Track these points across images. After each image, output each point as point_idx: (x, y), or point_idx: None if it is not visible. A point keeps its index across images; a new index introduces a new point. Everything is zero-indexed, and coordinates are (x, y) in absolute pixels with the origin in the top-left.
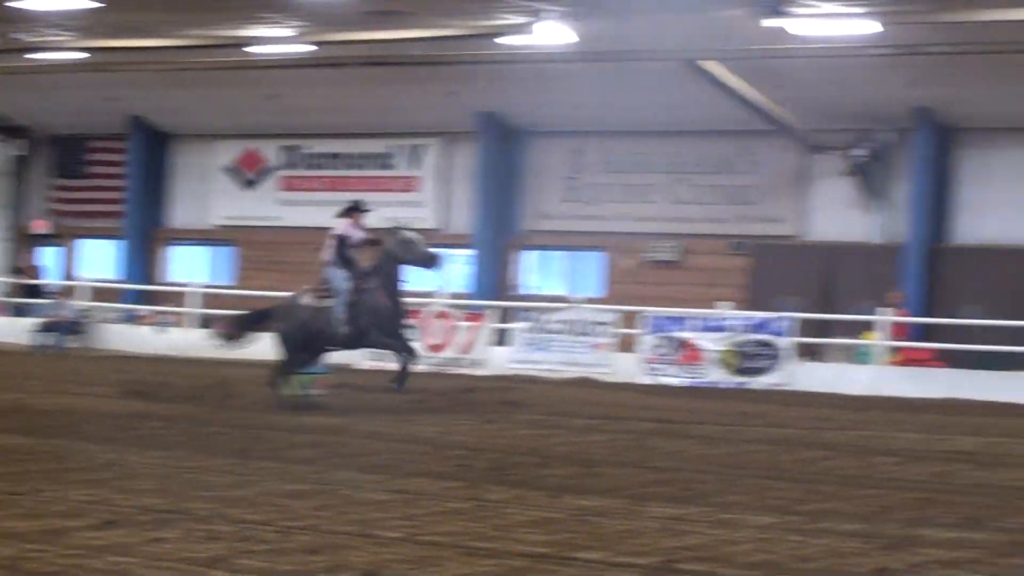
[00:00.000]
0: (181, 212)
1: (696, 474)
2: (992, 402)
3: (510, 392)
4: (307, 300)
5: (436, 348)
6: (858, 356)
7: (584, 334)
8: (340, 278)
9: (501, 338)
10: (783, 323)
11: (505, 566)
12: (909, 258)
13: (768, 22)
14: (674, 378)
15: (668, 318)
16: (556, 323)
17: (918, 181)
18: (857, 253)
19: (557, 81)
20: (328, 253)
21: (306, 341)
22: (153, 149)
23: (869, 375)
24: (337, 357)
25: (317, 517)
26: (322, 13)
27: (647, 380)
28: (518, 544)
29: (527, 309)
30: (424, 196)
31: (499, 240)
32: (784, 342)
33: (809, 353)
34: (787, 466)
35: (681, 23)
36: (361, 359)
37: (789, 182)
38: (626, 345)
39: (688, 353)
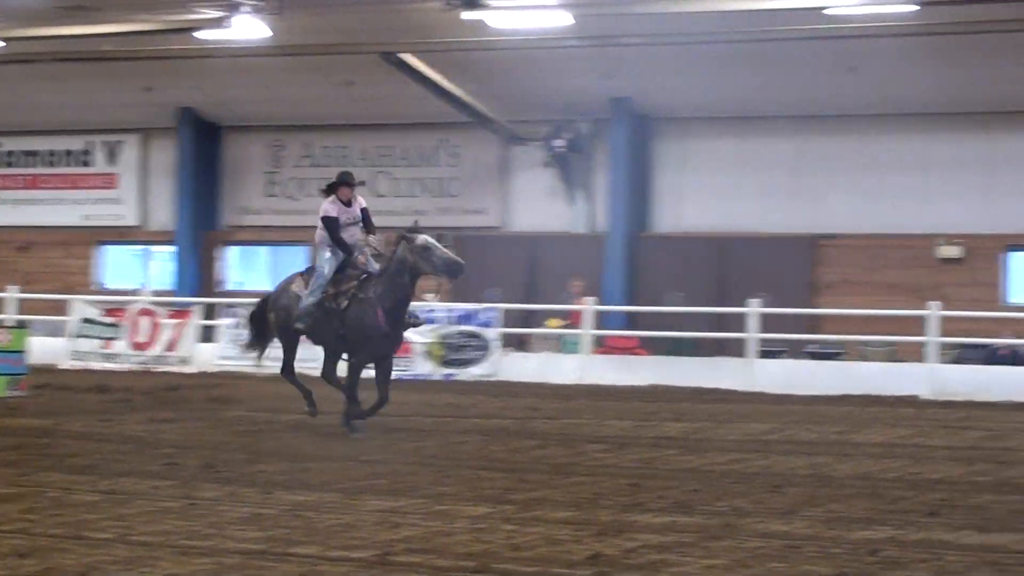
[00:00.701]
0: None
1: (409, 467)
2: (693, 388)
3: (217, 389)
4: (296, 285)
5: (141, 346)
6: (564, 345)
7: None
8: (324, 262)
9: (207, 335)
10: (489, 314)
11: (219, 564)
12: (612, 247)
13: (466, 15)
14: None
15: None
16: None
17: (617, 170)
18: (560, 243)
19: (255, 75)
20: (317, 236)
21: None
22: None
23: (575, 364)
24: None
25: (26, 520)
26: (10, 8)
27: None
28: (232, 541)
29: (231, 305)
30: (123, 193)
31: (201, 236)
32: (491, 333)
33: (516, 343)
34: (498, 456)
35: (378, 16)
36: (64, 359)
37: (490, 174)
38: None
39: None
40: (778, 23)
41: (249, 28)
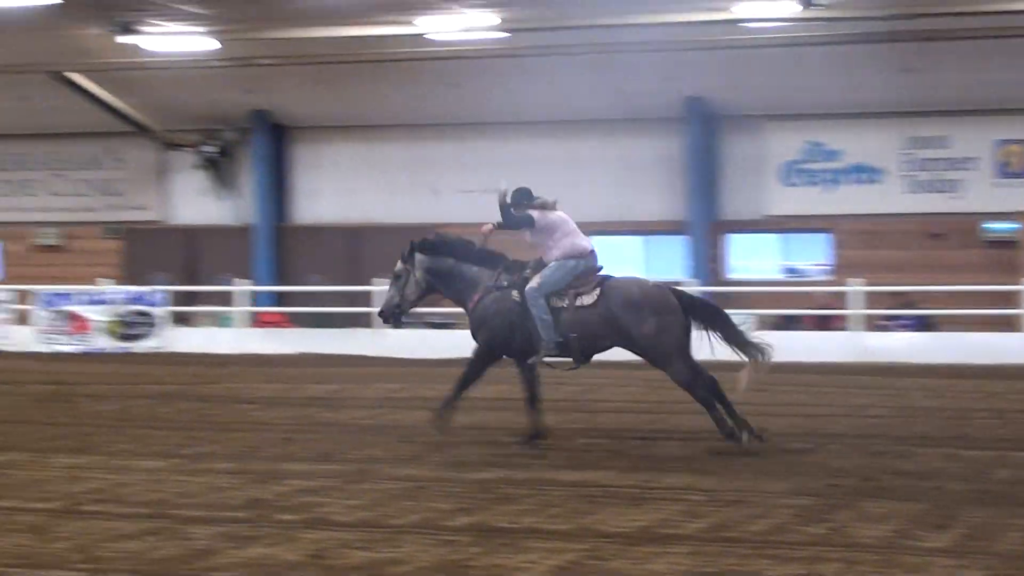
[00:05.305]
0: None
1: (90, 428)
2: (333, 355)
3: None
4: None
5: None
6: (222, 321)
7: None
8: None
9: None
10: (156, 295)
11: None
12: (259, 237)
13: (122, 39)
14: (67, 346)
15: (57, 294)
16: None
17: (259, 172)
18: (214, 234)
19: None
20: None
21: None
22: None
23: (232, 336)
24: None
25: None
26: None
27: (43, 349)
28: None
29: None
30: None
31: None
32: (159, 311)
33: (182, 320)
34: (168, 416)
35: (47, 38)
36: None
37: (151, 175)
38: (22, 319)
39: (77, 324)
40: (385, 46)
41: None
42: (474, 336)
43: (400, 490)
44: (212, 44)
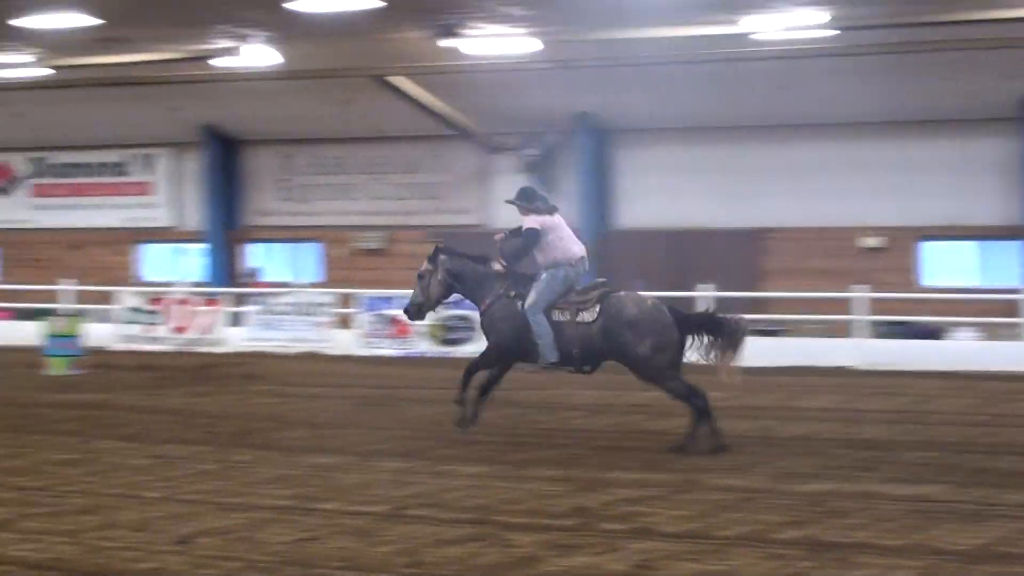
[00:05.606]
0: None
1: (414, 432)
2: None
3: (246, 367)
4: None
5: (179, 330)
6: None
7: (308, 314)
8: None
9: (235, 320)
10: None
11: (254, 517)
12: (581, 241)
13: (444, 42)
14: (388, 350)
15: (379, 298)
16: (283, 305)
17: (581, 175)
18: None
19: (267, 95)
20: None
21: None
22: None
23: None
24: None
25: (87, 482)
26: (56, 41)
27: (365, 353)
28: (264, 498)
29: (259, 294)
30: (157, 199)
31: (226, 234)
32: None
33: None
34: (491, 422)
35: (370, 44)
36: (114, 342)
37: (472, 179)
38: (344, 323)
39: (398, 328)
40: (715, 47)
41: (260, 55)
42: (486, 337)
43: (728, 501)
44: (534, 46)
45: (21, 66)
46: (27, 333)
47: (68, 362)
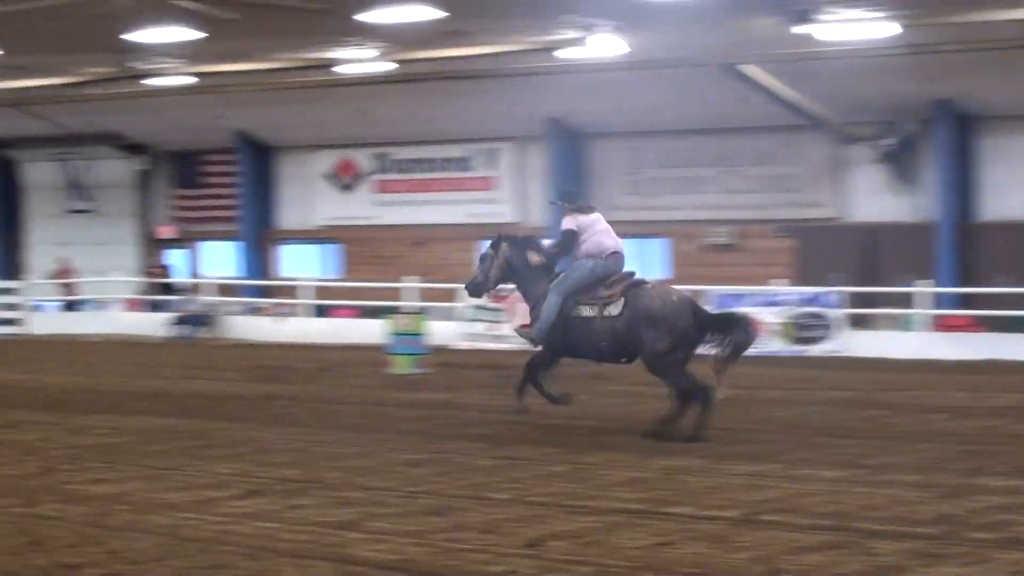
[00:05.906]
0: (288, 214)
1: (767, 434)
2: None
3: (594, 365)
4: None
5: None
6: (903, 324)
7: None
8: None
9: None
10: (831, 297)
11: (606, 521)
12: (941, 235)
13: (797, 29)
14: None
15: (729, 295)
16: None
17: (943, 166)
18: (893, 232)
19: (613, 87)
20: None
21: None
22: (259, 160)
23: (913, 341)
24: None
25: (435, 483)
26: (400, 35)
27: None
28: (615, 501)
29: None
30: (501, 194)
31: None
32: (834, 313)
33: (858, 323)
34: (849, 424)
35: (720, 32)
36: (457, 340)
37: (826, 170)
38: None
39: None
40: None
41: (606, 45)
42: None
43: None
44: (894, 29)
45: (365, 61)
46: (371, 331)
47: (412, 360)
